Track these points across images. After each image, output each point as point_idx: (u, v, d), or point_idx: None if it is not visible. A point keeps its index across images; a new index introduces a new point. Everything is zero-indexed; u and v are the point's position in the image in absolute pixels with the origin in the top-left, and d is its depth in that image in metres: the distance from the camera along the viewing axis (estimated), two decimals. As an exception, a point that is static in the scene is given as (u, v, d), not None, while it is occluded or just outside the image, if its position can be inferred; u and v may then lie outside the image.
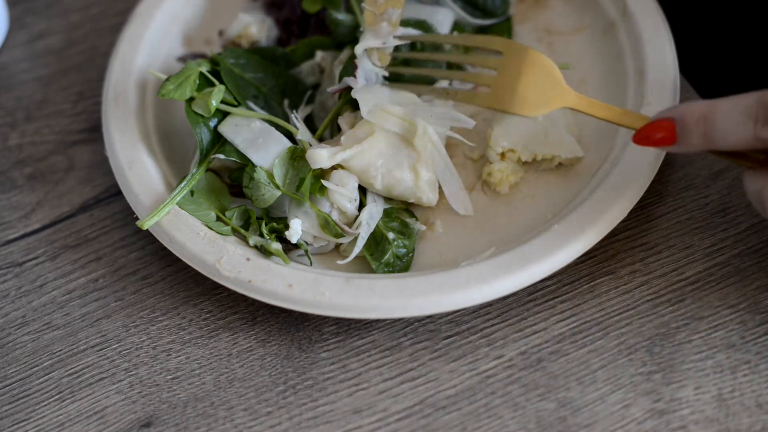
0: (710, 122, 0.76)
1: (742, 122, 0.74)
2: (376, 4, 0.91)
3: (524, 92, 0.83)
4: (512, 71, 0.83)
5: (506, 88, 0.83)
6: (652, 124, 0.78)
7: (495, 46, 0.85)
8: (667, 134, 0.77)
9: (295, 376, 0.85)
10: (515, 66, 0.83)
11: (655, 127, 0.78)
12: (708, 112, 0.76)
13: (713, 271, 0.87)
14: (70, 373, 0.88)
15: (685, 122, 0.77)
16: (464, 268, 0.84)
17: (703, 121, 0.76)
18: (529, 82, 0.83)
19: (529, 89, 0.83)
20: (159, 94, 0.90)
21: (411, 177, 0.89)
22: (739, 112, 0.75)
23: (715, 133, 0.76)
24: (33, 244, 0.96)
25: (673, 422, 0.80)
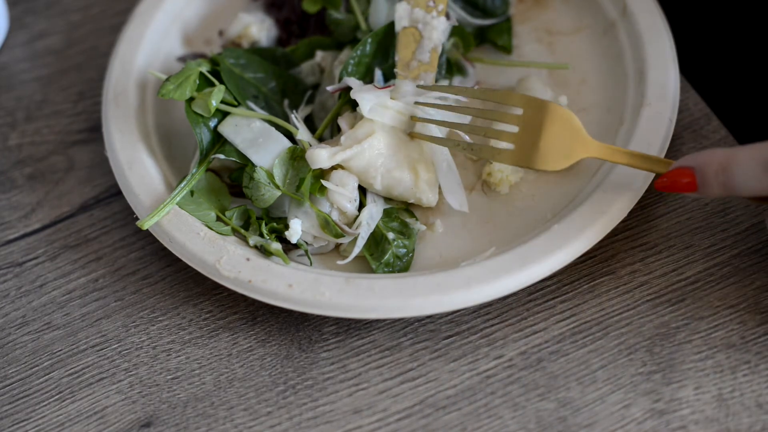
0: (729, 173, 0.77)
1: (760, 173, 0.76)
2: (408, 69, 0.92)
3: (546, 147, 0.84)
4: (533, 127, 0.84)
5: (529, 144, 0.84)
6: (674, 172, 0.80)
7: (515, 102, 0.86)
8: (689, 182, 0.79)
9: (295, 376, 0.85)
10: (536, 121, 0.84)
11: (676, 174, 0.80)
12: (727, 163, 0.77)
13: (713, 271, 0.87)
14: (70, 373, 0.88)
15: (705, 173, 0.78)
16: (464, 268, 0.84)
17: (722, 172, 0.78)
18: (551, 137, 0.84)
19: (551, 144, 0.84)
20: (159, 94, 0.90)
21: (411, 177, 0.89)
22: (757, 163, 0.76)
23: (734, 183, 0.77)
24: (33, 244, 0.96)
25: (673, 422, 0.80)
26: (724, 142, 0.94)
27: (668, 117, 0.90)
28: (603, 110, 0.96)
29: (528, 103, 0.85)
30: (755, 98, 1.03)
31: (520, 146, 0.85)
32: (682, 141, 0.94)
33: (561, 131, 0.84)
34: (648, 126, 0.90)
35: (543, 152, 0.84)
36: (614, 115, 0.94)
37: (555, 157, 0.84)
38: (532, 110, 0.85)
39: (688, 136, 0.94)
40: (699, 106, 0.96)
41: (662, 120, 0.90)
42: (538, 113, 0.85)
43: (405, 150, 0.89)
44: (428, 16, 0.91)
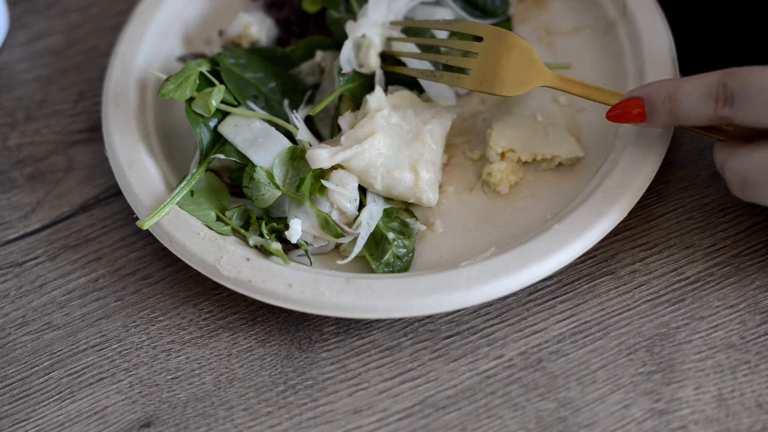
0: (675, 101, 0.81)
1: (704, 101, 0.79)
2: None
3: (504, 74, 0.88)
4: (492, 55, 0.89)
5: (488, 70, 0.88)
6: (624, 103, 0.84)
7: (477, 31, 0.90)
8: (639, 113, 0.83)
9: (295, 376, 0.85)
10: (494, 50, 0.89)
11: (626, 105, 0.84)
12: (673, 92, 0.81)
13: (713, 271, 0.87)
14: (70, 373, 0.88)
15: (653, 102, 0.82)
16: (464, 268, 0.84)
17: (668, 101, 0.81)
18: (508, 64, 0.88)
19: (509, 71, 0.88)
20: (159, 94, 0.90)
21: (411, 177, 0.89)
22: (701, 92, 0.80)
23: (679, 111, 0.81)
24: (33, 244, 0.96)
25: (673, 422, 0.80)
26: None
27: (668, 117, 0.90)
28: (603, 110, 0.95)
29: (489, 33, 0.89)
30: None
31: (480, 73, 0.88)
32: (682, 141, 0.94)
33: (519, 60, 0.88)
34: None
35: (501, 78, 0.88)
36: (614, 115, 0.94)
37: (512, 83, 0.88)
38: (492, 39, 0.89)
39: (688, 136, 0.95)
40: (699, 106, 0.96)
41: (662, 120, 0.90)
42: (498, 42, 0.89)
43: (405, 150, 0.89)
44: None
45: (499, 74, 0.88)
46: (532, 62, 0.88)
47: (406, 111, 0.91)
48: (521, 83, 0.88)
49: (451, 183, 0.93)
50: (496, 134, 0.92)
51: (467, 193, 0.93)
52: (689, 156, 0.93)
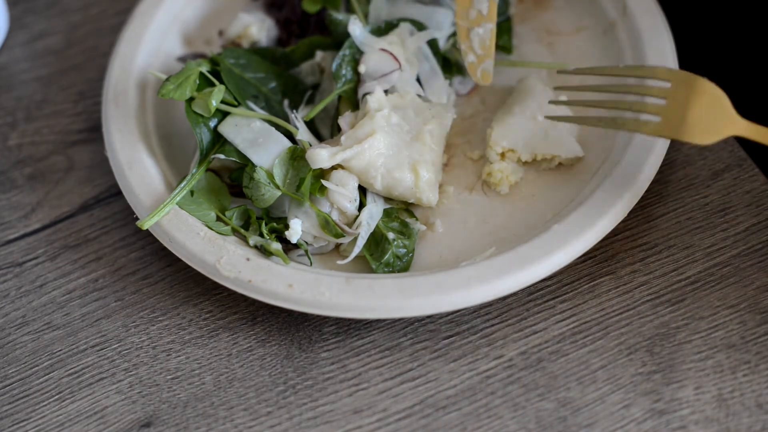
0: None
1: None
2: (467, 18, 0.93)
3: (694, 120, 0.82)
4: (681, 100, 0.83)
5: (676, 116, 0.83)
6: None
7: (661, 75, 0.85)
8: None
9: (295, 376, 0.85)
10: (684, 94, 0.83)
11: None
12: None
13: (713, 271, 0.87)
14: (70, 373, 0.88)
15: None
16: (464, 268, 0.84)
17: None
18: (699, 111, 0.82)
19: (700, 117, 0.82)
20: (159, 94, 0.90)
21: (411, 177, 0.89)
22: None
23: None
24: (33, 244, 0.96)
25: (673, 422, 0.80)
26: (724, 142, 0.93)
27: (668, 117, 0.90)
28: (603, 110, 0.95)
29: (676, 77, 0.84)
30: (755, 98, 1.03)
31: (667, 119, 0.83)
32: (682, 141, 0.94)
33: (709, 106, 0.82)
34: (648, 126, 0.90)
35: (691, 125, 0.82)
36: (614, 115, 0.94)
37: (703, 131, 0.82)
38: (680, 83, 0.83)
39: (688, 136, 0.94)
40: (699, 106, 0.96)
41: (662, 120, 0.90)
42: (686, 86, 0.83)
43: (405, 150, 0.89)
44: None
45: (689, 121, 0.82)
46: (724, 109, 0.82)
47: (406, 111, 0.91)
48: (713, 131, 0.82)
49: (451, 183, 0.93)
50: (496, 134, 0.92)
51: (467, 193, 0.93)
52: (689, 156, 0.93)
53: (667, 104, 0.83)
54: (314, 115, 0.92)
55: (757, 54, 1.05)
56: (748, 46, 1.06)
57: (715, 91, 0.83)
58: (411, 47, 0.94)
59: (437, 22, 0.98)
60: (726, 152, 0.93)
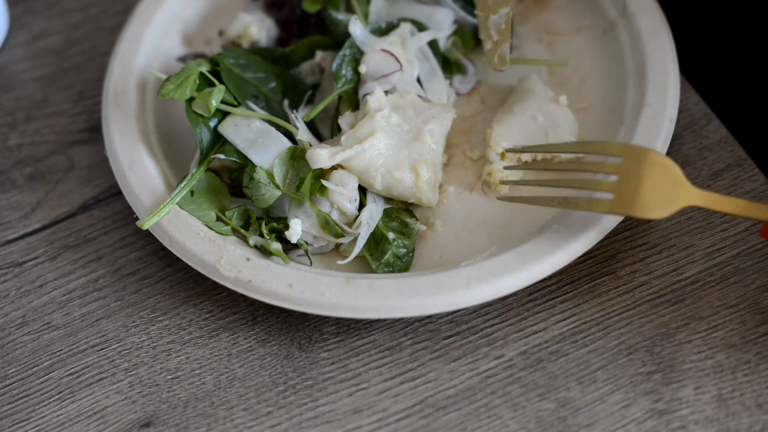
0: None
1: None
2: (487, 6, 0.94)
3: (647, 195, 0.81)
4: (633, 175, 0.82)
5: (628, 192, 0.81)
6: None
7: (612, 150, 0.83)
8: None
9: (295, 376, 0.85)
10: (635, 170, 0.82)
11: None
12: None
13: (713, 271, 0.87)
14: (70, 373, 0.88)
15: None
16: (464, 268, 0.84)
17: None
18: (652, 185, 0.81)
19: (652, 192, 0.81)
20: (159, 94, 0.90)
21: (411, 177, 0.89)
22: None
23: None
24: (33, 244, 0.96)
25: (673, 422, 0.80)
26: (724, 142, 0.94)
27: (668, 117, 0.90)
28: (603, 110, 0.95)
29: (626, 151, 0.83)
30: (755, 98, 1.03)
31: (620, 195, 0.81)
32: (682, 141, 0.94)
33: (662, 180, 0.81)
34: (648, 126, 0.90)
35: (643, 200, 0.81)
36: (614, 115, 0.94)
37: (656, 205, 0.80)
38: (631, 158, 0.82)
39: (688, 136, 0.94)
40: (699, 106, 0.96)
41: (662, 120, 0.90)
42: (637, 161, 0.82)
43: (405, 150, 0.89)
44: None
45: (642, 196, 0.81)
46: (677, 180, 0.81)
47: (406, 111, 0.91)
48: (667, 204, 0.80)
49: (451, 183, 0.93)
50: (496, 134, 0.92)
51: (467, 193, 0.93)
52: (689, 156, 0.93)
53: (619, 180, 0.82)
54: (314, 115, 0.92)
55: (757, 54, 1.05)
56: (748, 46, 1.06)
57: (666, 162, 0.82)
58: (412, 48, 0.94)
59: (437, 22, 0.98)
60: (726, 152, 0.93)
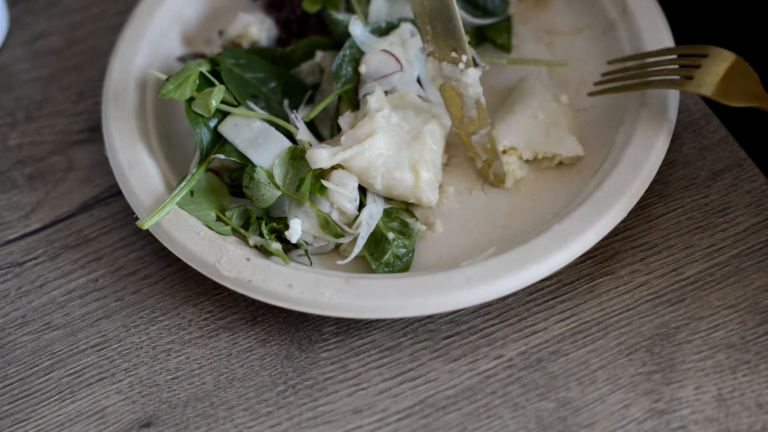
0: None
1: None
2: (464, 126, 0.91)
3: (725, 83, 0.86)
4: (715, 66, 0.87)
5: (709, 77, 0.87)
6: None
7: (699, 50, 0.89)
8: None
9: (295, 376, 0.85)
10: (718, 63, 0.88)
11: None
12: None
13: (713, 271, 0.87)
14: (70, 373, 0.88)
15: None
16: (464, 268, 0.84)
17: None
18: (732, 78, 0.87)
19: (731, 83, 0.87)
20: (159, 94, 0.90)
21: (411, 177, 0.89)
22: None
23: None
24: (33, 244, 0.96)
25: (673, 422, 0.80)
26: (724, 142, 0.94)
27: (668, 117, 0.90)
28: (603, 110, 0.95)
29: (713, 51, 0.88)
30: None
31: (700, 77, 0.87)
32: (682, 141, 0.94)
33: (740, 77, 0.87)
34: (648, 126, 0.90)
35: (722, 85, 0.86)
36: (614, 115, 0.94)
37: (732, 94, 0.86)
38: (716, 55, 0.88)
39: (688, 136, 0.94)
40: (699, 106, 0.96)
41: (662, 120, 0.90)
42: (720, 58, 0.88)
43: (405, 150, 0.89)
44: (456, 70, 0.88)
45: (721, 82, 0.87)
46: (754, 83, 0.87)
47: (406, 111, 0.91)
48: (739, 97, 0.86)
49: (451, 183, 0.93)
50: (498, 132, 0.92)
51: (467, 193, 0.93)
52: (689, 156, 0.93)
53: (701, 69, 0.87)
54: (314, 115, 0.92)
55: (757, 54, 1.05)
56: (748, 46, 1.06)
57: (749, 69, 0.87)
58: (412, 48, 0.94)
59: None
60: (726, 152, 0.93)
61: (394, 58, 0.93)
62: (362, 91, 0.92)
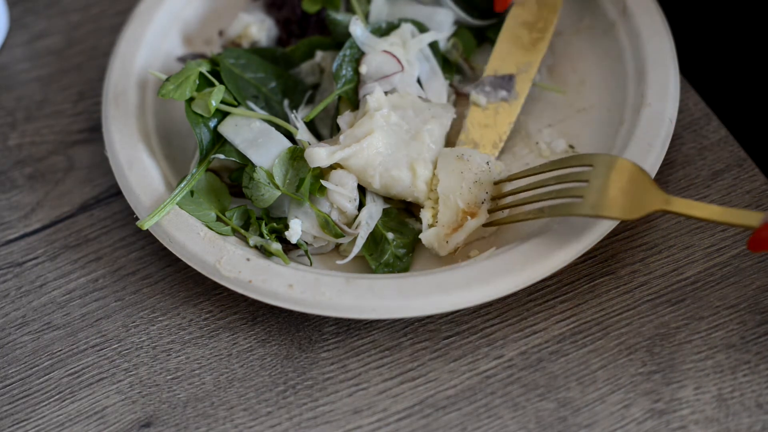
0: None
1: None
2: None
3: (616, 197, 0.82)
4: (602, 180, 0.82)
5: (598, 195, 0.82)
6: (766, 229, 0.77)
7: (584, 161, 0.85)
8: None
9: (295, 376, 0.85)
10: (605, 175, 0.83)
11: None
12: None
13: (713, 271, 0.87)
14: (70, 373, 0.88)
15: None
16: (464, 268, 0.84)
17: None
18: (620, 188, 0.82)
19: (621, 195, 0.82)
20: (159, 94, 0.90)
21: (409, 176, 0.89)
22: None
23: None
24: (33, 244, 0.96)
25: (673, 422, 0.80)
26: (724, 142, 0.94)
27: (668, 117, 0.90)
28: (603, 110, 0.96)
29: (596, 160, 0.84)
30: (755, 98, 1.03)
31: (589, 198, 0.82)
32: (682, 141, 0.94)
33: (630, 183, 0.82)
34: (648, 126, 0.90)
35: (612, 201, 0.81)
36: (614, 115, 0.94)
37: (625, 207, 0.81)
38: (600, 165, 0.83)
39: (688, 136, 0.95)
40: (699, 106, 0.96)
41: (662, 120, 0.90)
42: (605, 167, 0.83)
43: (404, 149, 0.89)
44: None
45: (611, 197, 0.81)
46: (647, 186, 0.82)
47: (405, 111, 0.91)
48: (637, 207, 0.81)
49: (451, 183, 0.93)
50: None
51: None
52: (689, 156, 0.93)
53: (590, 185, 0.83)
54: (314, 115, 0.92)
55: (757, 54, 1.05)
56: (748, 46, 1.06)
57: (634, 168, 0.82)
58: (413, 49, 0.94)
59: (438, 22, 0.98)
60: (726, 152, 0.93)
61: (395, 59, 0.93)
62: (362, 91, 0.93)
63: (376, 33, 0.95)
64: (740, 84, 1.05)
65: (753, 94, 1.03)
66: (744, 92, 1.04)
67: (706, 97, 0.96)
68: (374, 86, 0.92)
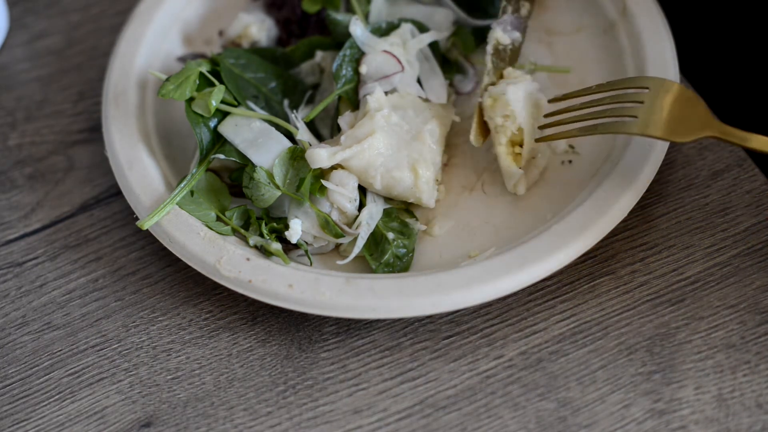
0: None
1: None
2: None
3: (671, 120, 0.83)
4: (659, 102, 0.84)
5: (654, 116, 0.84)
6: None
7: (640, 83, 0.86)
8: None
9: (295, 376, 0.85)
10: (661, 97, 0.84)
11: None
12: None
13: (713, 271, 0.87)
14: (70, 373, 0.88)
15: None
16: (464, 268, 0.84)
17: None
18: (676, 112, 0.83)
19: (676, 118, 0.83)
20: (159, 94, 0.90)
21: (410, 177, 0.89)
22: None
23: None
24: (33, 244, 0.96)
25: (673, 422, 0.80)
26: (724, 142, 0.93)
27: (668, 117, 0.90)
28: (603, 110, 0.95)
29: (654, 83, 0.85)
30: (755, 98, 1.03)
31: (645, 118, 0.84)
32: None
33: (686, 108, 0.83)
34: (648, 126, 0.90)
35: (667, 123, 0.83)
36: (614, 115, 0.94)
37: (679, 129, 0.83)
38: (657, 89, 0.85)
39: (688, 136, 0.94)
40: (699, 106, 0.96)
41: (662, 120, 0.90)
42: (663, 91, 0.85)
43: (405, 150, 0.89)
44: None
45: (666, 119, 0.83)
46: (702, 112, 0.83)
47: (406, 111, 0.91)
48: (690, 131, 0.82)
49: (451, 183, 0.93)
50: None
51: (467, 193, 0.93)
52: (689, 156, 0.93)
53: (645, 105, 0.84)
54: (314, 115, 0.92)
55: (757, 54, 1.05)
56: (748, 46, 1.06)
57: (692, 95, 0.83)
58: (413, 49, 0.94)
59: (437, 22, 0.98)
60: (726, 152, 0.93)
61: (395, 59, 0.93)
62: (362, 91, 0.93)
63: (376, 33, 0.96)
64: (740, 84, 1.05)
65: (753, 94, 1.03)
66: (744, 92, 1.04)
67: (706, 97, 0.96)
68: (374, 86, 0.92)
